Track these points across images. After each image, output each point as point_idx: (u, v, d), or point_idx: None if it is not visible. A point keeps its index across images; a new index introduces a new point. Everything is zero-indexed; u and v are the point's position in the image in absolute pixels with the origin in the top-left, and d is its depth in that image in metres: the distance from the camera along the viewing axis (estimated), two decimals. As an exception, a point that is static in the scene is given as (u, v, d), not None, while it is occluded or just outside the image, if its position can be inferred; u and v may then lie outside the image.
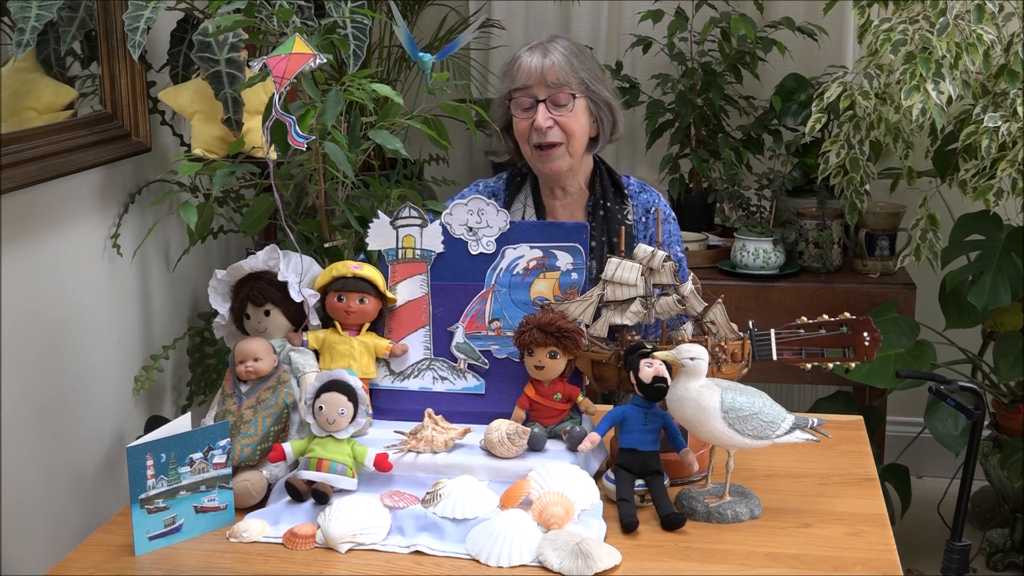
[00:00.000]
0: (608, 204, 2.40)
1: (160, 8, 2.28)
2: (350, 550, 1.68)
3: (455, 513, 1.70)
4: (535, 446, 1.83)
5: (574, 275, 1.96)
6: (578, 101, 2.33)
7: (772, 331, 1.92)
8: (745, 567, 1.62)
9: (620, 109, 2.43)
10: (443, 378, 1.98)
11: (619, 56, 3.59)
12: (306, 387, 1.85)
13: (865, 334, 1.91)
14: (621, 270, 1.87)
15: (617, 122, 2.42)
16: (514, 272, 1.98)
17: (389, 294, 1.99)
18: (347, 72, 2.21)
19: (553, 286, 1.96)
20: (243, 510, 1.79)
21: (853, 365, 1.94)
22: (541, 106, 2.32)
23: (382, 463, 1.80)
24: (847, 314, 1.94)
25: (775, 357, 1.91)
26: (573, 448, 1.82)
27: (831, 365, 1.93)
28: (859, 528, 1.73)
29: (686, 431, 1.80)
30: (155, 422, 2.53)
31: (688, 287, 1.87)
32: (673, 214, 2.51)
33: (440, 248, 2.00)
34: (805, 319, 1.94)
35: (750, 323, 1.93)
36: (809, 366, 1.93)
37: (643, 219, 2.43)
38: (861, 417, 2.18)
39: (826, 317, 1.93)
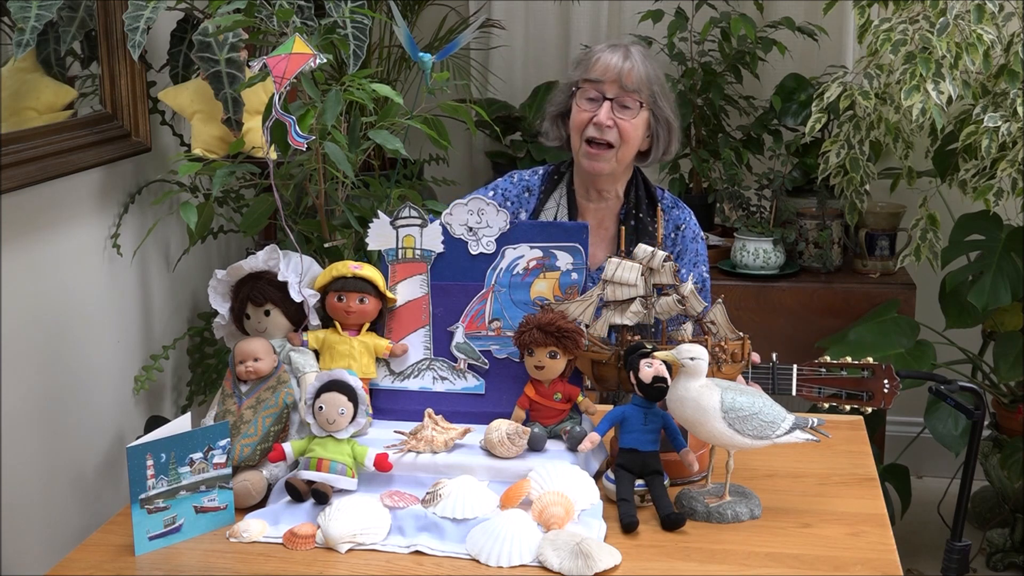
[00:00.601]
0: (640, 215, 2.39)
1: (160, 8, 2.28)
2: (350, 550, 1.68)
3: (455, 513, 1.70)
4: (535, 446, 1.83)
5: (574, 275, 1.96)
6: (642, 112, 2.33)
7: (794, 367, 1.94)
8: (745, 567, 1.62)
9: (678, 132, 2.41)
10: (443, 378, 1.98)
11: (619, 56, 3.59)
12: (306, 387, 1.85)
13: (885, 381, 1.93)
14: (621, 270, 1.87)
15: (672, 143, 2.40)
16: (514, 272, 1.98)
17: (389, 294, 1.99)
18: (347, 72, 2.21)
19: (553, 286, 1.96)
20: (243, 510, 1.79)
21: (869, 411, 1.96)
22: (607, 104, 2.31)
23: (382, 463, 1.80)
24: (870, 359, 1.95)
25: (795, 393, 1.93)
26: (573, 448, 1.82)
27: (848, 408, 1.95)
28: (859, 528, 1.73)
29: (686, 431, 1.80)
30: (155, 422, 2.53)
31: (688, 287, 1.87)
32: (703, 235, 2.48)
33: (440, 248, 2.00)
34: (827, 359, 1.97)
35: (773, 356, 1.95)
36: (827, 405, 1.95)
37: (672, 235, 2.42)
38: (861, 417, 2.18)
39: (849, 359, 1.96)
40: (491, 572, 1.61)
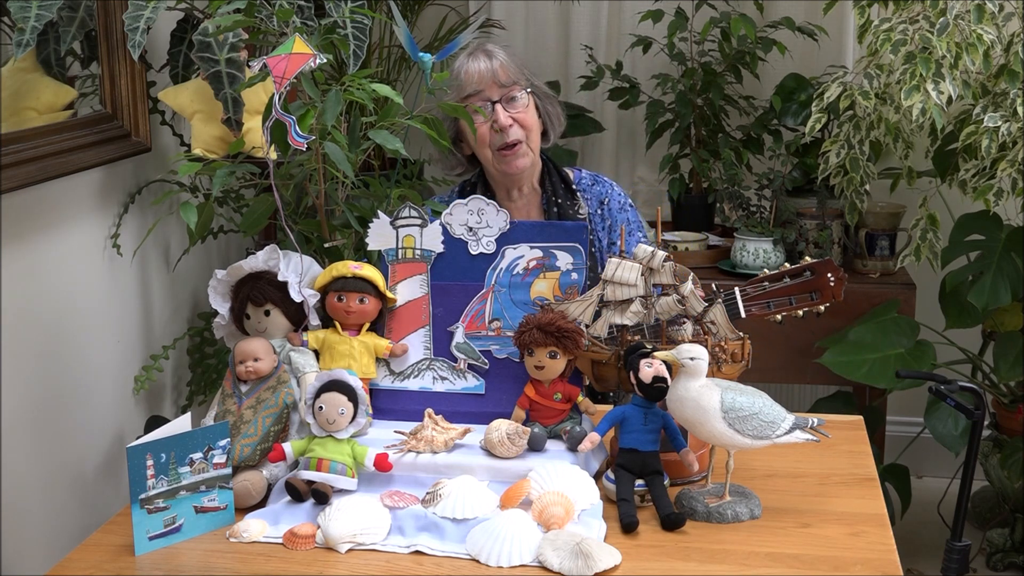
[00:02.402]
0: (559, 200, 2.44)
1: (160, 8, 2.28)
2: (350, 550, 1.68)
3: (455, 513, 1.70)
4: (535, 446, 1.83)
5: (574, 275, 1.96)
6: (529, 96, 2.39)
7: (736, 288, 1.93)
8: (745, 567, 1.62)
9: (557, 99, 2.47)
10: (443, 378, 1.98)
11: (619, 56, 3.59)
12: (306, 387, 1.85)
13: (829, 275, 1.93)
14: (621, 270, 1.87)
15: (560, 114, 2.47)
16: (514, 272, 1.98)
17: (389, 294, 1.99)
18: (347, 72, 2.20)
19: (553, 286, 1.96)
20: (243, 510, 1.79)
21: (823, 308, 1.94)
22: (498, 106, 2.35)
23: (382, 463, 1.80)
24: (808, 258, 1.95)
25: (743, 314, 1.92)
26: (573, 448, 1.82)
27: (801, 312, 1.94)
28: (859, 528, 1.73)
29: (686, 431, 1.80)
30: (155, 422, 2.53)
31: (688, 287, 1.87)
32: (630, 202, 2.52)
33: (440, 248, 2.00)
34: (767, 271, 1.96)
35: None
36: (780, 317, 1.94)
37: (598, 211, 2.46)
38: (861, 417, 2.18)
39: (787, 265, 1.95)
40: (491, 572, 1.61)
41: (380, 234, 2.02)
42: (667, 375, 1.76)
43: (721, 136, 3.41)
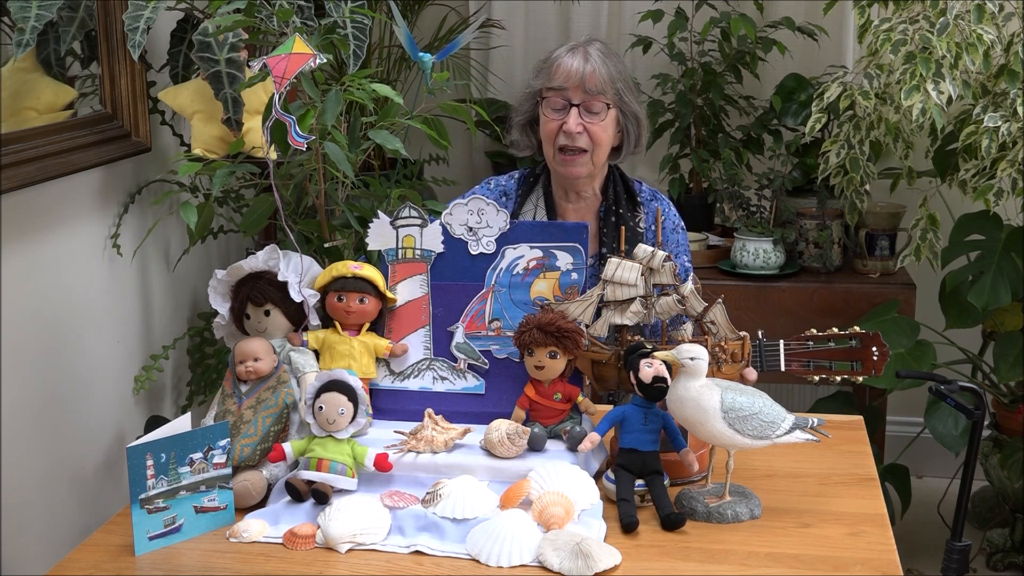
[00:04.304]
0: (620, 211, 2.39)
1: (160, 8, 2.28)
2: (350, 550, 1.68)
3: (455, 513, 1.70)
4: (535, 446, 1.83)
5: (574, 275, 1.96)
6: (610, 112, 2.32)
7: (781, 342, 1.92)
8: (745, 567, 1.62)
9: (647, 124, 2.42)
10: (443, 378, 1.98)
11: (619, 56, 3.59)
12: (306, 387, 1.85)
13: (874, 348, 1.91)
14: (621, 270, 1.87)
15: (642, 136, 2.40)
16: (514, 272, 1.98)
17: (389, 294, 1.99)
18: (347, 72, 2.21)
19: (553, 286, 1.96)
20: (243, 510, 1.79)
21: (860, 379, 1.94)
22: (574, 110, 2.30)
23: (382, 463, 1.80)
24: (857, 328, 1.94)
25: (783, 368, 1.92)
26: (573, 448, 1.82)
27: (838, 379, 1.93)
28: (859, 528, 1.73)
29: (686, 431, 1.80)
30: (155, 422, 2.53)
31: (688, 287, 1.87)
32: (682, 224, 2.48)
33: (440, 248, 2.00)
34: (815, 331, 1.94)
35: (760, 333, 1.93)
36: (817, 379, 1.94)
37: (653, 227, 2.42)
38: (861, 417, 2.18)
39: (836, 330, 1.93)
40: (491, 572, 1.61)
41: (380, 234, 2.02)
42: (667, 375, 1.76)
43: (721, 136, 3.41)
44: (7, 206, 2.13)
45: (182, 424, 1.74)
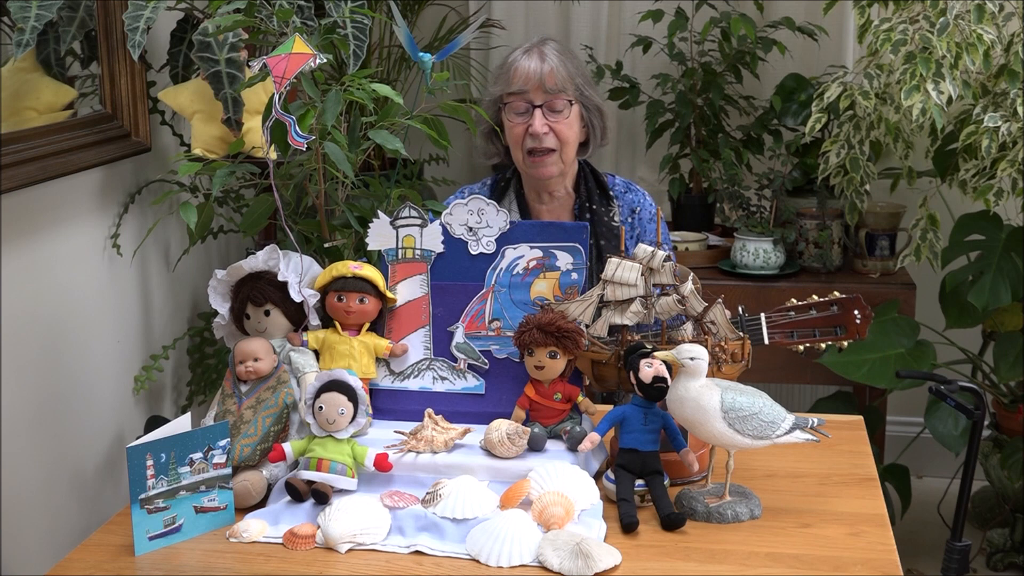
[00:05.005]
0: (594, 207, 2.41)
1: (160, 8, 2.28)
2: (350, 550, 1.68)
3: (455, 513, 1.70)
4: (535, 446, 1.83)
5: (574, 275, 1.96)
6: (573, 108, 2.34)
7: (762, 315, 1.92)
8: (745, 567, 1.62)
9: (608, 115, 2.44)
10: (443, 378, 1.98)
11: (619, 56, 3.59)
12: (306, 387, 1.85)
13: (856, 312, 1.91)
14: (621, 270, 1.87)
15: (607, 127, 2.43)
16: (514, 272, 1.98)
17: (389, 294, 1.99)
18: (347, 72, 2.20)
19: (553, 286, 1.96)
20: (243, 510, 1.79)
21: (846, 344, 1.94)
22: (537, 112, 2.32)
23: (382, 463, 1.80)
24: (836, 293, 1.94)
25: (767, 341, 1.91)
26: (573, 448, 1.82)
27: (823, 345, 1.93)
28: (859, 528, 1.73)
29: (686, 431, 1.80)
30: (155, 422, 2.53)
31: (688, 287, 1.87)
32: (662, 213, 2.49)
33: (440, 248, 2.00)
34: (795, 301, 1.95)
35: (740, 309, 1.93)
36: (802, 347, 1.93)
37: (628, 219, 2.44)
38: (861, 417, 2.18)
39: (815, 298, 1.93)
40: (491, 572, 1.61)
41: (380, 234, 2.02)
42: (667, 375, 1.76)
43: (721, 136, 3.41)
44: (7, 206, 2.13)
45: (182, 424, 1.74)
